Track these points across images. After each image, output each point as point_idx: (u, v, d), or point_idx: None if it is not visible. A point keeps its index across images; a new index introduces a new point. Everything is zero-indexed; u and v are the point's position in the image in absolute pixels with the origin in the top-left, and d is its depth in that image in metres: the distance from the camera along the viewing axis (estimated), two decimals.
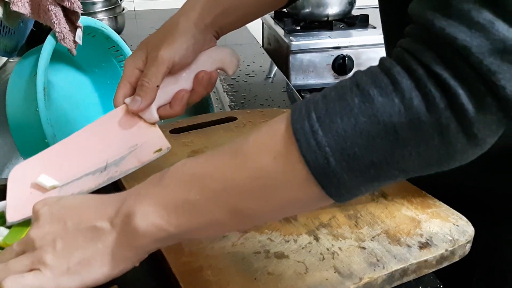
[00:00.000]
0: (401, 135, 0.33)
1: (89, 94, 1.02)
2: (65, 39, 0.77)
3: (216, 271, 0.50)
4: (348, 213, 0.59)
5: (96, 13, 1.37)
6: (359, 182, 0.35)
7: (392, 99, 0.33)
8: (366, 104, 0.33)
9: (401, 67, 0.34)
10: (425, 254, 0.52)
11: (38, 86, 0.72)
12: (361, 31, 1.64)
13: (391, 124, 0.33)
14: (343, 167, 0.34)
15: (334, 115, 0.34)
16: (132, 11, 1.86)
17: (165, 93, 0.58)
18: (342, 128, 0.34)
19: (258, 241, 0.55)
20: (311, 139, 0.34)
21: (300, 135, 0.35)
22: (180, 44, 0.56)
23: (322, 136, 0.34)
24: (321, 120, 0.34)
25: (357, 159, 0.34)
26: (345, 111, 0.34)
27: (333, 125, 0.34)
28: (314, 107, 0.35)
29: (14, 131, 0.76)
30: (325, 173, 0.34)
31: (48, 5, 0.74)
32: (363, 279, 0.49)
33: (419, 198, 0.61)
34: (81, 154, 0.58)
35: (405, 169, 0.35)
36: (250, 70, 1.23)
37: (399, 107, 0.33)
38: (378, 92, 0.33)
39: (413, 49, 0.34)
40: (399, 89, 0.33)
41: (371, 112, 0.33)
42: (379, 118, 0.33)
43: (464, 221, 0.57)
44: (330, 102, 0.35)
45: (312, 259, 0.52)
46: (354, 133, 0.33)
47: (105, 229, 0.42)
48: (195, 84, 0.59)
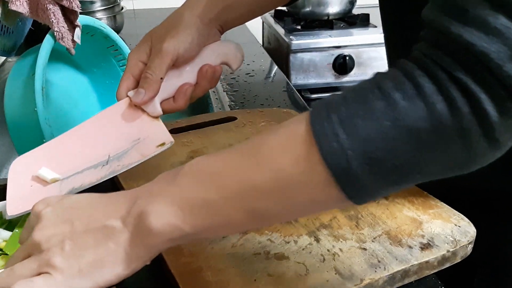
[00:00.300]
0: (424, 139, 0.33)
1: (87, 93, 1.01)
2: (63, 38, 0.76)
3: (216, 272, 0.50)
4: (348, 214, 0.58)
5: (95, 12, 1.36)
6: (380, 185, 0.35)
7: (416, 103, 0.33)
8: (390, 107, 0.33)
9: (422, 71, 0.33)
10: (427, 255, 0.52)
11: (36, 86, 0.72)
12: (361, 30, 1.63)
13: (414, 128, 0.33)
14: (365, 170, 0.34)
15: (356, 118, 0.34)
16: (131, 10, 1.85)
17: (169, 86, 0.58)
18: (365, 132, 0.34)
19: (258, 242, 0.54)
20: (333, 142, 0.34)
21: (321, 137, 0.35)
22: (185, 36, 0.56)
23: (345, 138, 0.34)
24: (343, 123, 0.34)
25: (380, 163, 0.34)
26: (368, 114, 0.34)
27: (356, 128, 0.34)
28: (335, 109, 0.35)
29: (12, 131, 0.76)
30: (347, 176, 0.34)
31: (47, 4, 0.74)
32: (364, 281, 0.49)
33: (420, 199, 0.60)
34: (83, 147, 0.57)
35: (426, 173, 0.36)
36: (250, 69, 1.23)
37: (422, 111, 0.33)
38: (401, 96, 0.33)
39: (432, 54, 0.34)
40: (422, 93, 0.33)
41: (395, 116, 0.33)
42: (402, 122, 0.33)
43: (466, 222, 0.56)
44: (351, 104, 0.35)
45: (313, 260, 0.51)
46: (377, 137, 0.33)
47: (117, 228, 0.40)
48: (199, 77, 0.59)
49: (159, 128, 0.56)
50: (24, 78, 0.75)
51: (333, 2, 1.66)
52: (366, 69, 1.58)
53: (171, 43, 0.55)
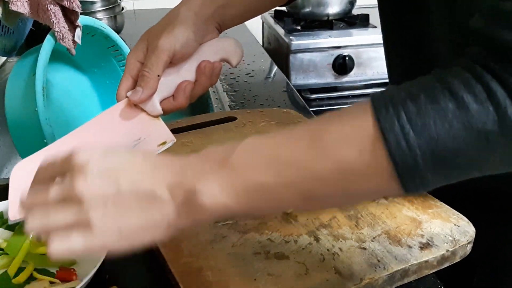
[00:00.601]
0: (491, 142, 0.34)
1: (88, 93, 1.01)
2: (64, 38, 0.77)
3: (216, 272, 0.50)
4: (348, 214, 0.58)
5: (95, 12, 1.36)
6: (439, 181, 0.37)
7: (487, 107, 0.34)
8: (461, 110, 0.34)
9: (491, 75, 0.34)
10: (426, 255, 0.52)
11: (37, 86, 0.72)
12: (361, 30, 1.63)
13: (484, 131, 0.34)
14: (430, 168, 0.35)
15: (427, 118, 0.35)
16: (132, 11, 1.85)
17: (168, 84, 0.57)
18: (435, 132, 0.34)
19: (258, 242, 0.54)
20: (402, 140, 0.35)
21: (389, 134, 0.35)
22: (181, 32, 0.55)
23: (414, 137, 0.35)
24: (412, 122, 0.35)
25: (445, 162, 0.35)
26: (439, 115, 0.35)
27: (426, 128, 0.35)
28: (404, 107, 0.36)
29: (13, 131, 0.76)
30: (411, 172, 0.35)
31: (47, 4, 0.74)
32: (364, 280, 0.49)
33: (420, 199, 0.61)
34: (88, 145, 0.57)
35: (485, 170, 0.37)
36: (250, 69, 1.23)
37: (493, 115, 0.34)
38: (472, 99, 0.34)
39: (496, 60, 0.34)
40: (494, 97, 0.34)
41: (466, 119, 0.34)
42: (473, 125, 0.34)
43: (465, 222, 0.56)
44: (421, 103, 0.35)
45: (313, 260, 0.51)
46: (446, 138, 0.34)
47: (164, 198, 0.40)
48: (198, 74, 0.58)
49: (160, 127, 0.56)
50: (25, 78, 0.75)
51: (333, 3, 1.66)
52: (366, 69, 1.58)
53: (167, 40, 0.55)
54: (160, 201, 0.40)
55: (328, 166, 0.38)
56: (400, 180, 0.36)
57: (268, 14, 1.87)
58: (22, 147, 0.77)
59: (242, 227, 0.57)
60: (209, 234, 0.56)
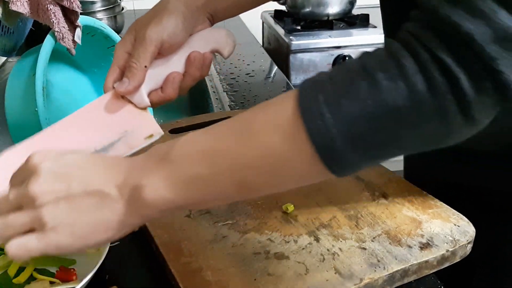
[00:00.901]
0: (405, 118, 0.35)
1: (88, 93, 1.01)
2: (64, 38, 0.76)
3: (216, 272, 0.50)
4: (348, 214, 0.58)
5: (95, 12, 1.36)
6: (361, 160, 0.37)
7: (397, 82, 0.34)
8: (373, 88, 0.35)
9: (406, 51, 0.35)
10: (426, 255, 0.52)
11: (37, 86, 0.72)
12: (361, 30, 1.63)
13: (396, 107, 0.35)
14: (348, 147, 0.36)
15: (341, 98, 0.36)
16: (132, 11, 1.85)
17: (156, 76, 0.56)
18: (349, 111, 0.35)
19: (258, 242, 0.54)
20: (319, 121, 0.36)
21: (307, 116, 0.36)
22: (169, 21, 0.54)
23: (330, 118, 0.35)
24: (328, 103, 0.36)
25: (362, 140, 0.36)
26: (353, 95, 0.35)
27: (341, 108, 0.35)
28: (322, 89, 0.37)
29: (13, 131, 0.76)
30: (331, 153, 0.36)
31: (47, 4, 0.74)
32: (364, 280, 0.49)
33: (420, 199, 0.61)
34: (70, 139, 0.56)
35: (403, 148, 0.38)
36: (250, 69, 1.23)
37: (403, 90, 0.34)
38: (384, 76, 0.35)
39: (419, 34, 0.35)
40: (404, 73, 0.34)
41: (378, 96, 0.35)
42: (384, 102, 0.35)
43: (465, 222, 0.56)
44: (337, 84, 0.36)
45: (313, 260, 0.51)
46: (360, 116, 0.35)
47: (113, 196, 0.41)
48: (188, 65, 0.57)
49: (147, 119, 0.55)
50: (25, 78, 0.75)
51: (333, 3, 1.66)
52: None
53: (154, 30, 0.54)
54: (109, 199, 0.41)
55: (255, 154, 0.39)
56: (324, 162, 0.37)
57: (268, 14, 1.87)
58: None
59: (242, 227, 0.57)
60: (209, 234, 0.56)
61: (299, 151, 0.37)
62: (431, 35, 0.34)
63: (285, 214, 0.59)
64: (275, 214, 0.59)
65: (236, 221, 0.58)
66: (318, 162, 0.37)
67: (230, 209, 0.60)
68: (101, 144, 0.54)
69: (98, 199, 0.41)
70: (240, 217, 0.59)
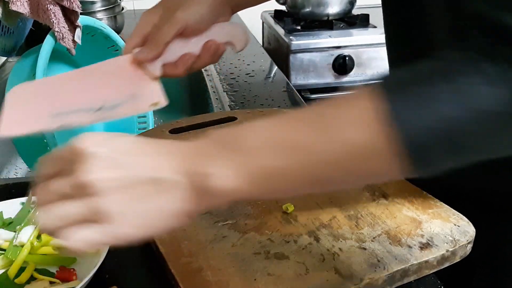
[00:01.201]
0: (503, 123, 0.35)
1: None
2: (64, 38, 0.77)
3: (216, 272, 0.50)
4: (348, 214, 0.58)
5: (95, 12, 1.36)
6: (449, 161, 0.37)
7: (498, 87, 0.34)
8: (473, 91, 0.35)
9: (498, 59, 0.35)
10: (426, 255, 0.52)
11: None
12: (361, 30, 1.63)
13: (495, 112, 0.34)
14: (441, 149, 0.36)
15: (438, 99, 0.35)
16: (132, 11, 1.85)
17: (173, 52, 0.60)
18: (448, 112, 0.35)
19: (258, 242, 0.54)
20: (413, 120, 0.35)
21: (400, 114, 0.36)
22: (196, 10, 0.59)
23: (425, 118, 0.35)
24: (424, 103, 0.35)
25: (457, 143, 0.36)
26: (451, 96, 0.35)
27: (438, 108, 0.35)
28: (414, 89, 0.36)
29: None
30: (421, 152, 0.36)
31: (47, 4, 0.74)
32: (364, 280, 0.49)
33: (420, 199, 0.61)
34: (80, 89, 0.59)
35: (493, 153, 0.38)
36: (250, 69, 1.23)
37: (504, 96, 0.34)
38: (484, 81, 0.35)
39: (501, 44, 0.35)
40: (505, 78, 0.34)
41: (478, 100, 0.35)
42: (484, 107, 0.34)
43: (465, 222, 0.56)
44: (433, 84, 0.36)
45: (313, 260, 0.51)
46: (459, 119, 0.35)
47: (174, 183, 0.39)
48: (203, 50, 0.61)
49: (155, 88, 0.58)
50: (25, 78, 0.75)
51: (333, 3, 1.66)
52: (365, 69, 1.58)
53: (182, 13, 0.58)
54: (170, 186, 0.39)
55: (338, 150, 0.38)
56: (412, 161, 0.36)
57: (268, 14, 1.87)
58: (22, 147, 0.77)
59: (242, 227, 0.57)
60: (209, 234, 0.56)
61: (387, 148, 0.36)
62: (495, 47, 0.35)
63: (285, 214, 0.59)
64: (275, 214, 0.59)
65: (236, 221, 0.58)
66: (404, 160, 0.36)
67: (230, 209, 0.60)
68: (110, 100, 0.56)
69: (159, 186, 0.39)
70: (240, 217, 0.59)
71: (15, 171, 1.07)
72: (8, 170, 1.06)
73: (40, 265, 0.54)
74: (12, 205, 0.62)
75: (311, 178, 0.39)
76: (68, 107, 0.55)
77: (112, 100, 0.56)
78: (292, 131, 0.40)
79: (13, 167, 1.07)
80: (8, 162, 1.07)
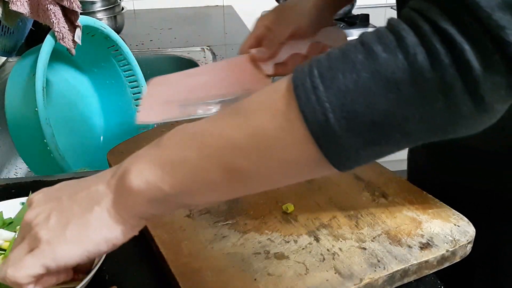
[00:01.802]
0: (404, 93, 0.32)
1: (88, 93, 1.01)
2: (64, 38, 0.77)
3: (216, 272, 0.50)
4: (348, 214, 0.58)
5: (95, 12, 1.36)
6: (358, 144, 0.34)
7: (396, 54, 0.32)
8: (369, 60, 0.32)
9: (407, 24, 0.32)
10: (426, 255, 0.52)
11: (37, 86, 0.72)
12: (361, 30, 1.63)
13: (393, 80, 0.32)
14: (342, 125, 0.33)
15: (336, 71, 0.33)
16: (132, 11, 1.85)
17: (284, 52, 0.66)
18: (344, 84, 0.33)
19: (258, 242, 0.54)
20: (311, 94, 0.33)
21: (300, 90, 0.34)
22: (310, 15, 0.64)
23: (323, 91, 0.33)
24: (323, 76, 0.33)
25: (357, 117, 0.33)
26: (348, 67, 0.33)
27: (335, 80, 0.33)
28: (317, 64, 0.35)
29: (13, 131, 0.76)
30: (323, 130, 0.33)
31: (47, 4, 0.74)
32: (364, 280, 0.49)
33: (420, 199, 0.61)
34: (205, 83, 0.66)
35: (407, 133, 0.34)
36: None
37: (402, 62, 0.31)
38: (382, 48, 0.32)
39: (420, 7, 0.33)
40: (403, 45, 0.32)
41: (374, 68, 0.32)
42: (381, 74, 0.32)
43: (465, 222, 0.56)
44: (333, 58, 0.34)
45: (313, 260, 0.51)
46: (355, 89, 0.32)
47: (101, 191, 0.41)
48: (310, 51, 0.66)
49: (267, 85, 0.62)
50: (25, 78, 0.75)
51: None
52: None
53: (296, 18, 0.64)
54: (98, 196, 0.41)
55: (244, 133, 0.37)
56: (316, 142, 0.34)
57: None
58: (22, 147, 0.77)
59: (242, 227, 0.57)
60: (209, 234, 0.56)
61: (290, 129, 0.34)
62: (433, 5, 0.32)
63: (285, 214, 0.59)
64: (275, 214, 0.59)
65: (236, 221, 0.58)
66: (311, 143, 0.34)
67: (230, 209, 0.60)
68: (228, 95, 0.62)
69: (88, 200, 0.41)
70: (240, 217, 0.59)
71: (15, 171, 1.07)
72: (8, 170, 1.06)
73: None
74: (12, 205, 0.62)
75: (224, 168, 0.37)
76: (194, 99, 0.63)
77: (231, 94, 0.62)
78: (206, 122, 0.39)
79: (13, 167, 1.07)
80: (8, 162, 1.07)
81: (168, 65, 1.28)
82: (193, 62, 1.24)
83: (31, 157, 0.78)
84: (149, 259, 0.56)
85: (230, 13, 1.82)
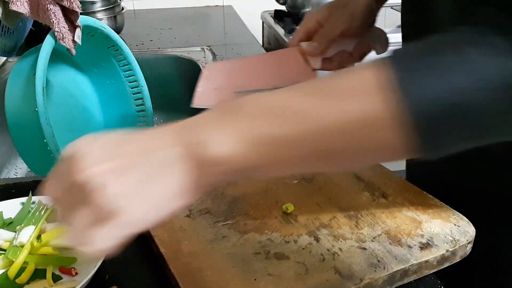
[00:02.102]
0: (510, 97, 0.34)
1: (88, 93, 1.01)
2: (64, 38, 0.77)
3: (216, 272, 0.50)
4: (348, 214, 0.58)
5: (95, 12, 1.36)
6: (456, 136, 0.36)
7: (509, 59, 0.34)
8: (483, 62, 0.34)
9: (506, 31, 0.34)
10: (426, 255, 0.52)
11: (37, 86, 0.72)
12: None
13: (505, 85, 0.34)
14: (448, 119, 0.35)
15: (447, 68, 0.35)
16: (131, 11, 1.85)
17: (333, 49, 0.68)
18: (456, 82, 0.34)
19: (258, 242, 0.54)
20: (420, 90, 0.35)
21: (406, 82, 0.35)
22: (361, 18, 0.67)
23: (432, 87, 0.34)
24: (432, 72, 0.35)
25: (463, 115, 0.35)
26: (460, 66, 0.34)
27: (445, 78, 0.34)
28: (423, 59, 0.36)
29: (13, 131, 0.76)
30: (428, 121, 0.35)
31: (47, 4, 0.74)
32: (364, 280, 0.49)
33: (420, 199, 0.61)
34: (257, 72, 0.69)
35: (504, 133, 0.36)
36: None
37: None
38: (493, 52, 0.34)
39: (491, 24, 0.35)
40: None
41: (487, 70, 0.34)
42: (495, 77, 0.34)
43: (465, 222, 0.56)
44: (439, 55, 0.35)
45: (313, 260, 0.51)
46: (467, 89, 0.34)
47: (171, 158, 0.37)
48: (355, 50, 0.69)
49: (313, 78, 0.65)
50: (25, 78, 0.75)
51: None
52: None
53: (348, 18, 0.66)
54: (170, 162, 0.37)
55: (337, 117, 0.37)
56: (417, 131, 0.35)
57: (268, 14, 1.87)
58: (22, 147, 0.77)
59: (242, 227, 0.57)
60: (209, 234, 0.56)
61: (390, 119, 0.35)
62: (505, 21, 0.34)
63: (285, 214, 0.59)
64: (275, 214, 0.59)
65: (236, 221, 0.58)
66: (410, 133, 0.35)
67: (230, 209, 0.60)
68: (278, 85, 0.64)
69: (158, 165, 0.37)
70: (240, 217, 0.59)
71: (15, 171, 1.07)
72: (8, 170, 1.06)
73: (40, 265, 0.54)
74: (12, 205, 0.62)
75: (310, 147, 0.37)
76: (248, 86, 0.66)
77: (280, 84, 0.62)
78: (291, 99, 0.39)
79: (13, 167, 1.07)
80: (8, 162, 1.07)
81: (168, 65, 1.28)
82: (193, 62, 1.24)
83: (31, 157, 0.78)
84: (149, 259, 0.56)
85: (230, 13, 1.82)
